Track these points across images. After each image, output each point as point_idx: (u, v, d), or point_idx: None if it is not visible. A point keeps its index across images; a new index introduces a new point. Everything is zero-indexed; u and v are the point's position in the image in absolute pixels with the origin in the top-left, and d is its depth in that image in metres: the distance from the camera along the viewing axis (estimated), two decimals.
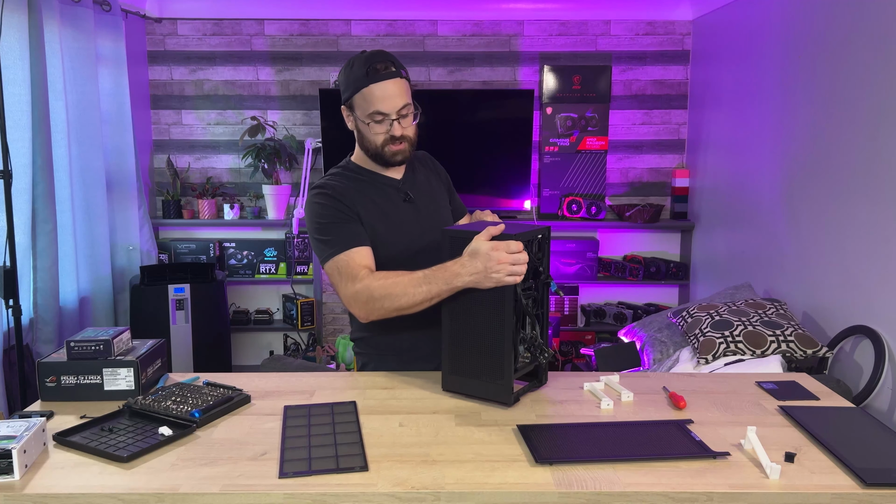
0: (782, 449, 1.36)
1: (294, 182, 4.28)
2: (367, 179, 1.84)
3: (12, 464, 1.25)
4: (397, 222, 1.82)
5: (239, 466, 1.31)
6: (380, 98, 1.71)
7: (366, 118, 1.75)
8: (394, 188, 1.85)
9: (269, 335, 4.41)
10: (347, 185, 1.82)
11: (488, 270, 1.48)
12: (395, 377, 1.78)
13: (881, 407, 2.41)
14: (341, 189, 1.80)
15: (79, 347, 1.62)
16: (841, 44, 2.67)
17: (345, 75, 1.77)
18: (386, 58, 1.74)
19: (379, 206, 1.81)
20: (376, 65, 1.71)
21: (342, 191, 1.80)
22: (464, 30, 4.19)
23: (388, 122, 1.74)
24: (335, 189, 1.79)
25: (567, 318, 4.28)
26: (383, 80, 1.71)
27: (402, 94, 1.74)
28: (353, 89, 1.74)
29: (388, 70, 1.72)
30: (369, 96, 1.72)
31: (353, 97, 1.75)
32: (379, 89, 1.71)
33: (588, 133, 4.19)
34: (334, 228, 1.75)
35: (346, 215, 1.77)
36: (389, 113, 1.73)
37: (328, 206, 1.77)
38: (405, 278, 1.61)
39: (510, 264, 1.47)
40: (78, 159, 3.33)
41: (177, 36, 4.19)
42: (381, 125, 1.75)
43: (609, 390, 1.69)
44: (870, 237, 2.49)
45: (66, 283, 3.21)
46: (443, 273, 1.55)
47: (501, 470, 1.29)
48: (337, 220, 1.76)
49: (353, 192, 1.80)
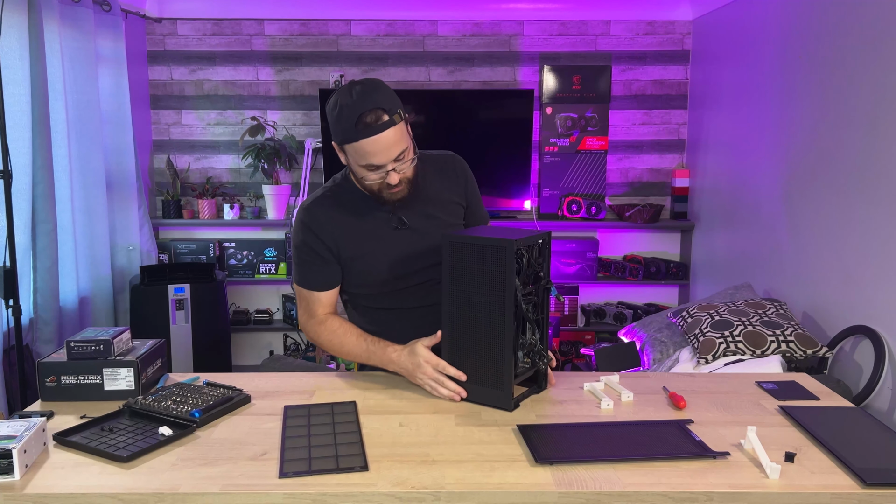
0: (782, 449, 1.36)
1: (294, 182, 4.28)
2: (357, 204, 1.77)
3: (12, 464, 1.25)
4: (383, 250, 1.77)
5: (239, 466, 1.31)
6: (373, 153, 1.60)
7: (359, 167, 1.66)
8: (386, 213, 1.78)
9: (269, 335, 4.41)
10: (331, 214, 1.76)
11: (414, 374, 1.66)
12: (395, 377, 1.78)
13: (881, 407, 2.41)
14: (323, 219, 1.76)
15: (79, 347, 1.62)
16: (841, 44, 2.67)
17: (333, 120, 1.63)
18: (376, 104, 1.57)
19: (365, 234, 1.77)
20: (366, 118, 1.56)
21: (323, 222, 1.75)
22: (464, 30, 4.19)
23: (382, 171, 1.64)
24: (318, 221, 1.75)
25: (567, 318, 4.28)
26: (375, 133, 1.58)
27: (397, 142, 1.61)
28: (342, 139, 1.63)
29: (380, 122, 1.57)
30: (361, 150, 1.60)
31: (342, 145, 1.65)
32: (371, 144, 1.59)
33: (588, 133, 4.19)
34: (306, 266, 1.79)
35: (321, 257, 1.76)
36: (384, 164, 1.63)
37: (306, 242, 1.77)
38: (352, 340, 1.76)
39: (431, 380, 1.63)
40: (78, 159, 3.33)
41: (177, 36, 4.19)
42: (377, 173, 1.65)
43: (609, 390, 1.69)
44: (870, 237, 2.49)
45: (66, 283, 3.21)
46: (382, 354, 1.72)
47: (501, 470, 1.29)
48: (310, 260, 1.78)
49: (335, 224, 1.76)
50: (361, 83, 1.61)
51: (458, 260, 1.56)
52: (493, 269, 1.53)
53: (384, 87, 1.63)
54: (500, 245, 1.51)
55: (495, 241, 1.52)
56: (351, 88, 1.60)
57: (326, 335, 1.80)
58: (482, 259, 1.54)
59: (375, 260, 1.78)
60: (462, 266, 1.57)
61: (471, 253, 1.55)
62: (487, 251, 1.53)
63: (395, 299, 1.83)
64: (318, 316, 1.82)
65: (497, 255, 1.52)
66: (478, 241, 1.55)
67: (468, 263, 1.56)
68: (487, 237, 1.54)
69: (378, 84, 1.63)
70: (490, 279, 1.54)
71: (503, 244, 1.51)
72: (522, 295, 1.55)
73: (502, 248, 1.51)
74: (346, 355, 1.80)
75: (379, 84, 1.63)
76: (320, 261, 1.78)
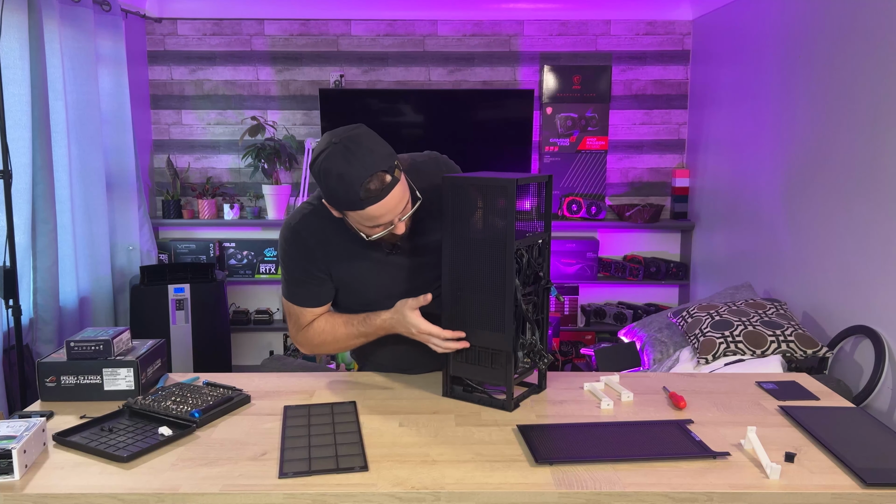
0: (782, 449, 1.36)
1: (294, 182, 4.28)
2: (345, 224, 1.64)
3: (12, 464, 1.25)
4: (374, 269, 1.70)
5: (239, 466, 1.31)
6: (380, 215, 1.50)
7: (362, 227, 1.55)
8: None
9: (269, 335, 4.41)
10: (321, 235, 1.67)
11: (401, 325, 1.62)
12: (395, 377, 1.78)
13: (881, 407, 2.41)
14: (310, 238, 1.67)
15: (79, 347, 1.62)
16: (841, 44, 2.67)
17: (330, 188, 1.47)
18: (377, 167, 1.44)
19: (357, 256, 1.68)
20: (369, 185, 1.44)
21: (311, 242, 1.67)
22: (464, 30, 4.19)
23: (389, 225, 1.55)
24: (306, 243, 1.67)
25: (567, 318, 4.28)
26: (381, 199, 1.46)
27: (402, 196, 1.51)
28: (347, 208, 1.50)
29: (384, 185, 1.45)
30: (367, 215, 1.49)
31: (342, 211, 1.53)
32: (378, 209, 1.48)
33: (588, 133, 4.19)
34: (294, 282, 1.72)
35: (310, 273, 1.69)
36: (391, 220, 1.53)
37: (297, 262, 1.69)
38: (341, 330, 1.72)
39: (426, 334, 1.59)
40: (78, 159, 3.33)
41: (177, 36, 4.19)
42: (382, 228, 1.55)
43: (609, 390, 1.69)
44: (870, 237, 2.49)
45: (66, 283, 3.21)
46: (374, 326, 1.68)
47: (501, 470, 1.29)
48: (304, 279, 1.70)
49: (326, 244, 1.67)
50: (351, 144, 1.45)
51: (458, 202, 1.54)
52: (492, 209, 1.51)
53: (375, 139, 1.49)
54: (501, 185, 1.49)
55: (496, 181, 1.50)
56: (344, 152, 1.44)
57: (317, 337, 1.74)
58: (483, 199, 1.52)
59: (369, 279, 1.71)
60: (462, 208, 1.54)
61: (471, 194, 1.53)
62: (488, 191, 1.51)
63: None
64: (305, 326, 1.77)
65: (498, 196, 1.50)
66: (478, 181, 1.53)
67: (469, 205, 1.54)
68: (488, 178, 1.52)
69: (368, 139, 1.48)
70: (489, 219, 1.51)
71: (503, 183, 1.49)
72: (522, 294, 1.55)
73: (503, 188, 1.49)
74: (342, 346, 1.75)
75: (368, 138, 1.48)
76: (315, 280, 1.70)
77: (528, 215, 1.66)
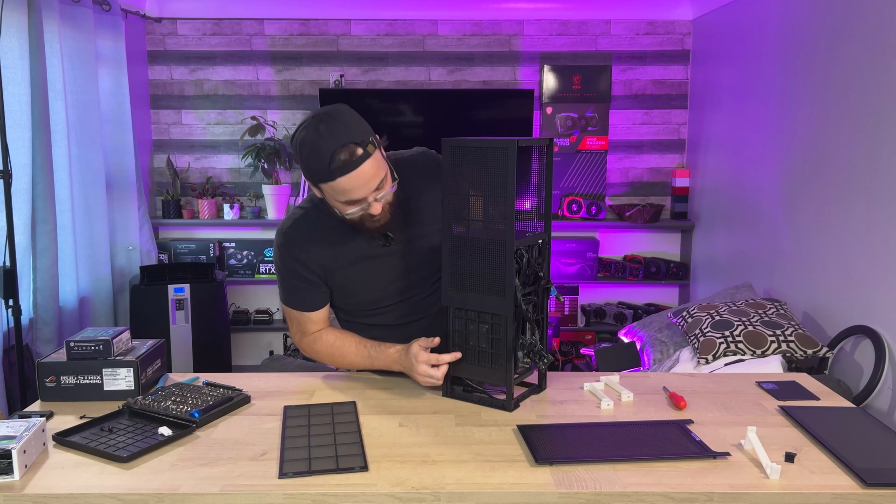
0: (782, 449, 1.36)
1: (294, 182, 4.28)
2: (340, 220, 1.63)
3: (12, 464, 1.25)
4: (373, 270, 1.71)
5: (239, 466, 1.31)
6: (351, 189, 1.50)
7: (337, 203, 1.56)
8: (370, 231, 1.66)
9: (269, 335, 4.41)
10: (315, 239, 1.68)
11: (411, 371, 1.64)
12: (395, 377, 1.78)
13: (881, 407, 2.41)
14: (304, 243, 1.68)
15: (78, 347, 1.62)
16: (841, 44, 2.67)
17: (303, 159, 1.51)
18: (349, 138, 1.47)
19: (352, 255, 1.69)
20: (339, 155, 1.46)
21: (305, 246, 1.68)
22: (464, 30, 4.18)
23: (364, 203, 1.55)
24: (300, 247, 1.68)
25: (567, 318, 4.28)
26: (352, 170, 1.48)
27: (374, 173, 1.51)
28: (316, 180, 1.52)
29: (354, 157, 1.47)
30: (338, 188, 1.50)
31: (316, 184, 1.55)
32: (348, 182, 1.49)
33: (588, 133, 4.19)
34: (294, 290, 1.74)
35: (309, 281, 1.70)
36: (365, 198, 1.53)
37: (291, 267, 1.70)
38: (352, 349, 1.74)
39: (425, 376, 1.61)
40: (78, 159, 3.33)
41: (177, 36, 4.19)
42: (356, 206, 1.55)
43: (609, 390, 1.69)
44: (870, 237, 2.49)
45: (66, 283, 3.21)
46: (385, 357, 1.71)
47: (501, 470, 1.29)
48: (298, 284, 1.72)
49: (320, 248, 1.68)
50: (326, 117, 1.49)
51: (458, 165, 1.53)
52: (493, 173, 1.50)
53: (351, 115, 1.52)
54: (502, 146, 1.48)
55: (496, 142, 1.49)
56: (317, 124, 1.48)
57: (325, 349, 1.77)
58: (483, 162, 1.51)
59: (365, 280, 1.72)
60: (462, 170, 1.53)
61: (471, 156, 1.52)
62: (488, 153, 1.50)
63: (390, 315, 1.78)
64: (312, 334, 1.78)
65: (498, 157, 1.48)
66: (478, 143, 1.51)
67: (468, 167, 1.53)
68: (488, 139, 1.50)
69: (344, 114, 1.51)
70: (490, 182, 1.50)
71: (504, 144, 1.48)
72: (522, 295, 1.55)
73: (504, 150, 1.48)
74: (349, 365, 1.78)
75: (345, 113, 1.51)
76: (309, 284, 1.72)
77: (528, 215, 1.66)
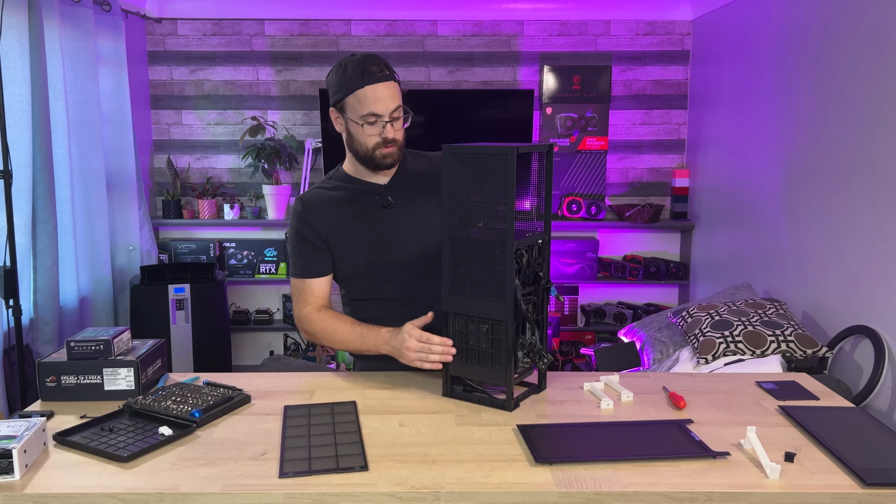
0: (782, 449, 1.36)
1: (294, 182, 4.28)
2: (349, 190, 1.84)
3: (12, 464, 1.25)
4: (370, 235, 1.81)
5: (239, 466, 1.31)
6: (374, 100, 1.72)
7: (359, 119, 1.74)
8: (374, 194, 1.83)
9: (269, 335, 4.41)
10: (324, 202, 1.84)
11: (402, 352, 1.66)
12: (395, 377, 1.78)
13: (881, 407, 2.41)
14: (314, 207, 1.83)
15: (79, 347, 1.62)
16: (841, 44, 2.67)
17: (336, 77, 1.77)
18: (379, 60, 1.75)
19: (353, 219, 1.82)
20: (371, 67, 1.72)
21: (314, 209, 1.83)
22: (464, 30, 4.19)
23: (380, 124, 1.75)
24: (309, 207, 1.83)
25: (567, 318, 4.28)
26: (378, 82, 1.72)
27: (394, 96, 1.76)
28: (346, 91, 1.74)
29: (383, 73, 1.73)
30: (363, 98, 1.72)
31: (345, 98, 1.75)
32: (373, 91, 1.72)
33: (588, 133, 4.19)
34: (298, 253, 1.86)
35: (311, 242, 1.82)
36: (383, 115, 1.74)
37: (298, 229, 1.84)
38: (346, 328, 1.79)
39: (417, 353, 1.63)
40: (78, 159, 3.33)
41: (177, 36, 4.19)
42: (374, 127, 1.75)
43: (609, 390, 1.69)
44: (870, 237, 2.49)
45: (66, 283, 3.21)
46: (376, 337, 1.74)
47: (501, 470, 1.29)
48: (302, 246, 1.84)
49: (326, 210, 1.82)
50: (362, 53, 1.77)
51: (456, 171, 1.54)
52: (493, 179, 1.50)
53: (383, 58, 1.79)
54: (502, 153, 1.49)
55: (496, 149, 1.49)
56: (353, 54, 1.76)
57: (320, 324, 1.81)
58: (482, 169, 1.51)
59: (363, 241, 1.81)
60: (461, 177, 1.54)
61: (471, 162, 1.53)
62: (488, 160, 1.51)
63: (388, 288, 1.83)
64: (311, 306, 1.84)
65: (498, 164, 1.49)
66: (478, 150, 1.52)
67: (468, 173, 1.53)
68: (488, 146, 1.51)
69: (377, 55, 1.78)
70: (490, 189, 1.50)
71: (504, 152, 1.48)
72: (522, 295, 1.55)
73: (503, 157, 1.49)
74: (340, 344, 1.81)
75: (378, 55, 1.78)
76: (312, 248, 1.83)
77: (528, 215, 1.66)
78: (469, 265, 1.56)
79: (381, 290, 1.84)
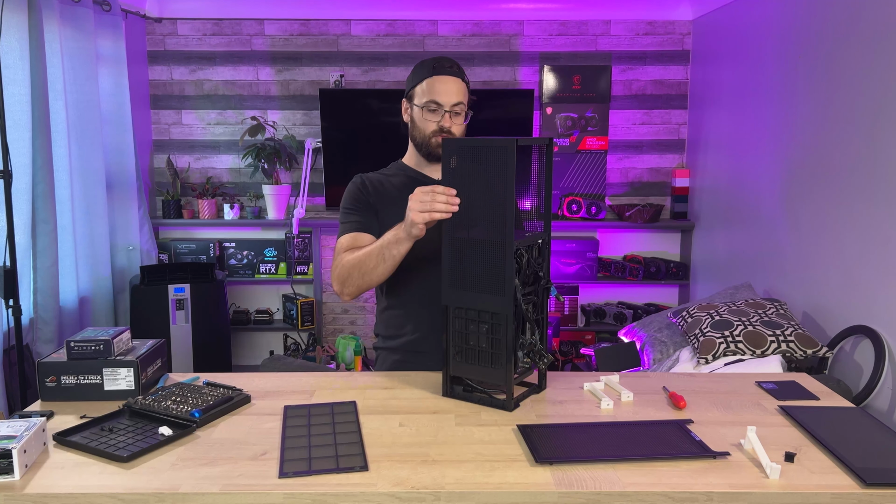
0: (782, 449, 1.36)
1: (294, 182, 4.28)
2: (404, 178, 1.95)
3: (12, 464, 1.25)
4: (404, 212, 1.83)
5: (239, 466, 1.31)
6: (438, 90, 1.85)
7: (422, 105, 1.87)
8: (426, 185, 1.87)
9: (269, 335, 4.41)
10: (382, 181, 1.96)
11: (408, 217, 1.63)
12: (395, 377, 1.78)
13: (881, 407, 2.41)
14: (372, 184, 1.95)
15: (79, 347, 1.62)
16: (841, 44, 2.67)
17: (413, 72, 1.93)
18: (453, 62, 1.90)
19: (396, 198, 1.86)
20: (443, 62, 1.88)
21: (371, 186, 1.94)
22: (464, 30, 4.19)
23: (440, 112, 1.86)
24: (367, 183, 1.95)
25: (567, 318, 4.28)
26: (446, 74, 1.86)
27: (459, 92, 1.88)
28: (417, 80, 1.89)
29: (452, 69, 1.88)
30: (429, 86, 1.86)
31: (415, 87, 1.89)
32: (439, 82, 1.86)
33: (588, 133, 4.19)
34: (351, 214, 1.93)
35: (362, 203, 1.92)
36: (444, 105, 1.85)
37: (355, 195, 1.94)
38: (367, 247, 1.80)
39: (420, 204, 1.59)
40: (78, 159, 3.33)
41: (177, 36, 4.19)
42: (434, 114, 1.87)
43: (609, 390, 1.69)
44: (870, 237, 2.49)
45: (66, 283, 3.21)
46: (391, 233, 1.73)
47: (501, 470, 1.29)
48: (357, 207, 1.92)
49: (382, 190, 1.93)
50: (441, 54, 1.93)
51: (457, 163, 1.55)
52: (492, 171, 1.51)
53: None
54: (501, 145, 1.49)
55: (496, 141, 1.50)
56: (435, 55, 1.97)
57: (347, 257, 1.84)
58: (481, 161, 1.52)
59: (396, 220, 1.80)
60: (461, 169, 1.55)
61: (471, 155, 1.54)
62: (486, 152, 1.52)
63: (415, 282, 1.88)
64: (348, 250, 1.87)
65: (498, 156, 1.50)
66: (478, 142, 1.53)
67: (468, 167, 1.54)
68: (487, 139, 1.52)
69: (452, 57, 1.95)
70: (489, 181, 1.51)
71: (503, 144, 1.49)
72: (522, 294, 1.55)
73: (503, 149, 1.49)
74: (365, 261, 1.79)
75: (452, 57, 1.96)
76: (367, 210, 1.91)
77: (528, 215, 1.66)
78: (469, 259, 1.56)
79: (412, 283, 1.89)
